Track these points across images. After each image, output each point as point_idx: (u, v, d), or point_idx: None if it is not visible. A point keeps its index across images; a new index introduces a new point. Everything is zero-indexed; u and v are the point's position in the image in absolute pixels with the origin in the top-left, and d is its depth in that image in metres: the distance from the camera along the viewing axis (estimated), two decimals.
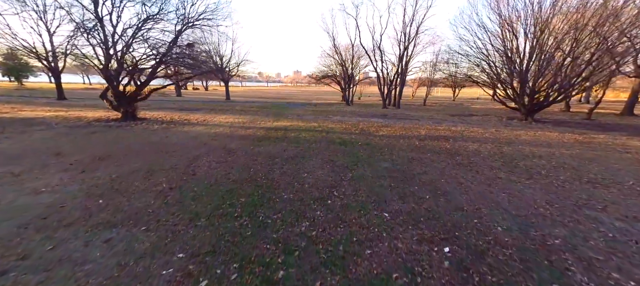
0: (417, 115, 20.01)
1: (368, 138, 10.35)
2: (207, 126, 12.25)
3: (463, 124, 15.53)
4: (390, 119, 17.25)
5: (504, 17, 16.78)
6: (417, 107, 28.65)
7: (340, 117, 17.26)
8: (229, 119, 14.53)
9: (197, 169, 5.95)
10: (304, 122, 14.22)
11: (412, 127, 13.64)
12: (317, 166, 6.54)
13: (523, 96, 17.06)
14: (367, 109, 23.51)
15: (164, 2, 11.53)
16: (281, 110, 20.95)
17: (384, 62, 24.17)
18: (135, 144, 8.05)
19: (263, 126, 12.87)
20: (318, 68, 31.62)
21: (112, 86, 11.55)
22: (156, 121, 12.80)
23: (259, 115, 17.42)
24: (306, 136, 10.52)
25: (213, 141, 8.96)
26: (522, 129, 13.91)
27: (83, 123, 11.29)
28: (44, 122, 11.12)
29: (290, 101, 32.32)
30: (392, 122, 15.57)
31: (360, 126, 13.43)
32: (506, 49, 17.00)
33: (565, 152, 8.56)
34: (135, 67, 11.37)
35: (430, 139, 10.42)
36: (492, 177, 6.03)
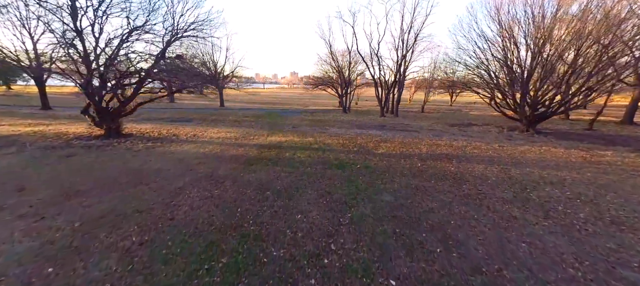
0: (416, 125, 19.51)
1: (366, 158, 9.74)
2: (197, 143, 11.54)
3: (464, 137, 15.04)
4: (389, 131, 16.70)
5: (504, 26, 16.40)
6: (415, 114, 28.24)
7: (337, 129, 16.67)
8: (221, 134, 13.83)
9: (177, 211, 5.27)
10: (300, 137, 13.58)
11: (412, 142, 13.08)
12: (313, 201, 5.91)
13: (524, 107, 16.66)
14: (364, 118, 22.99)
15: (150, 14, 10.84)
16: (276, 120, 20.30)
17: (381, 70, 23.71)
18: (113, 172, 7.33)
19: (256, 142, 12.21)
20: (314, 74, 31.04)
21: (94, 102, 10.80)
22: (142, 137, 12.05)
23: (253, 127, 16.75)
24: (301, 156, 9.88)
25: (200, 166, 8.27)
26: (526, 143, 13.44)
27: (62, 142, 10.50)
28: (17, 141, 10.30)
29: (286, 108, 31.69)
30: (391, 135, 15.01)
31: (358, 142, 12.84)
32: (507, 58, 16.61)
33: (577, 176, 8.05)
34: (118, 83, 10.62)
35: (432, 159, 9.86)
36: (506, 216, 5.45)
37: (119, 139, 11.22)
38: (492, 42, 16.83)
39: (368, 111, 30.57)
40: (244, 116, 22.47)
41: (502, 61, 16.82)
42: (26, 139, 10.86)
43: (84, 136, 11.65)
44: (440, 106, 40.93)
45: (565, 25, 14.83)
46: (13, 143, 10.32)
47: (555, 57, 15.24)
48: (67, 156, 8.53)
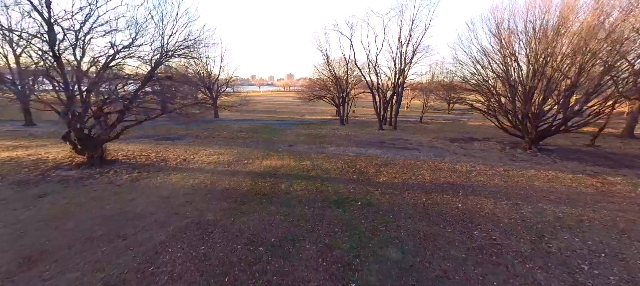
0: (415, 141, 18.98)
1: (368, 191, 9.11)
2: (186, 171, 10.81)
3: (466, 157, 14.52)
4: (389, 149, 16.12)
5: (505, 42, 16.01)
6: (413, 126, 27.77)
7: (335, 148, 16.05)
8: (213, 157, 13.11)
9: (154, 284, 4.56)
10: (296, 160, 12.90)
11: (414, 165, 12.51)
12: (312, 261, 5.26)
13: (526, 124, 16.23)
14: (362, 132, 22.40)
15: (136, 35, 10.12)
16: (272, 136, 19.60)
17: (379, 82, 23.20)
18: (87, 222, 6.54)
19: (250, 167, 11.51)
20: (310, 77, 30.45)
21: (75, 130, 10.02)
22: (127, 164, 11.27)
23: (248, 146, 16.04)
24: (298, 188, 9.22)
25: (187, 207, 7.55)
26: (531, 165, 12.94)
27: (38, 173, 9.69)
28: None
29: (282, 119, 31.01)
30: (391, 155, 14.43)
31: (357, 166, 12.22)
32: (508, 75, 16.20)
33: (593, 217, 7.51)
34: (100, 110, 9.86)
35: (437, 191, 9.27)
36: (528, 281, 4.85)
37: (102, 168, 10.44)
38: (493, 58, 16.43)
39: (366, 121, 30.02)
40: (239, 130, 21.73)
41: (503, 78, 16.42)
42: (0, 169, 10.03)
43: (65, 164, 10.84)
44: (438, 113, 40.60)
45: (567, 41, 14.45)
46: None
47: (558, 74, 14.85)
48: (40, 197, 7.74)
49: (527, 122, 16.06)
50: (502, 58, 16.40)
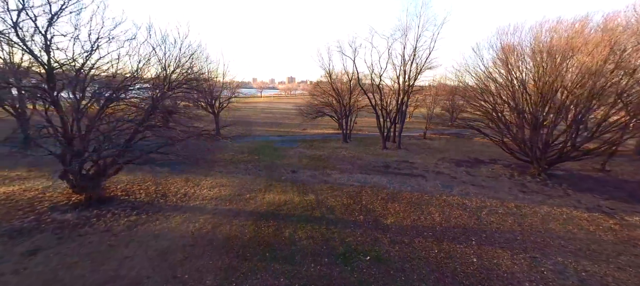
0: (420, 164, 18.54)
1: (376, 239, 8.70)
2: (186, 211, 10.42)
3: (475, 187, 14.07)
4: (394, 176, 15.70)
5: (513, 69, 15.66)
6: (417, 142, 27.33)
7: (339, 175, 15.65)
8: (214, 190, 12.70)
9: None
10: (300, 194, 12.48)
11: (421, 200, 12.09)
12: None
13: (535, 151, 15.79)
14: (366, 152, 21.97)
15: (137, 71, 9.81)
16: (274, 159, 19.14)
17: (382, 101, 22.84)
18: None
19: (253, 206, 11.08)
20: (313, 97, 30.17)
21: (73, 172, 9.69)
22: (125, 203, 10.88)
23: (249, 172, 15.65)
24: (302, 236, 8.81)
25: (186, 265, 7.15)
26: (543, 200, 12.49)
27: (32, 219, 9.32)
28: None
29: (284, 134, 30.60)
30: (398, 185, 14.00)
31: (363, 201, 11.81)
32: (516, 102, 15.82)
33: (621, 278, 7.04)
34: (100, 150, 9.50)
35: (449, 238, 8.85)
36: None
37: (99, 209, 10.06)
38: (501, 85, 16.08)
39: (368, 138, 29.52)
40: (240, 151, 21.25)
41: (511, 105, 16.04)
42: None
43: (61, 203, 10.47)
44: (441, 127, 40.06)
45: (577, 70, 14.07)
46: None
47: (567, 100, 14.47)
48: (31, 254, 7.35)
49: (536, 150, 15.62)
50: (509, 83, 16.05)
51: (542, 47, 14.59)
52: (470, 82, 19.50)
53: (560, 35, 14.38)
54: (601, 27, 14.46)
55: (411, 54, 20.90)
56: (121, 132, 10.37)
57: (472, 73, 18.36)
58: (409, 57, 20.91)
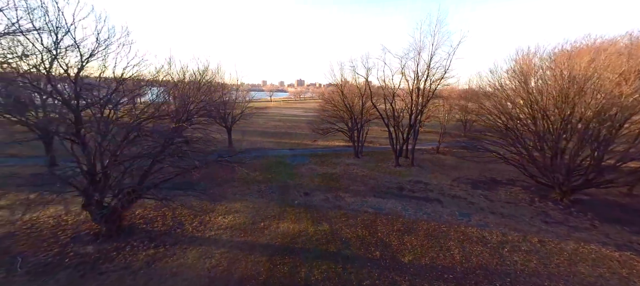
0: (435, 186, 18.12)
1: (393, 282, 8.48)
2: (203, 244, 10.50)
3: (494, 216, 13.63)
4: (409, 201, 15.40)
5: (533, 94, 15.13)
6: (431, 157, 26.82)
7: (353, 198, 15.49)
8: (229, 217, 12.75)
9: None
10: (314, 223, 12.37)
11: (439, 232, 11.78)
12: None
13: (558, 177, 15.14)
14: (378, 170, 21.67)
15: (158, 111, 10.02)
16: (286, 178, 19.09)
17: (395, 117, 22.53)
18: None
19: (267, 238, 11.06)
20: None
21: (95, 203, 9.93)
22: (144, 233, 11.06)
23: (262, 195, 15.66)
24: (319, 277, 8.71)
25: None
26: (568, 232, 11.95)
27: (57, 251, 9.60)
28: (11, 248, 9.47)
29: (295, 146, 30.62)
30: (413, 213, 13.71)
31: (378, 233, 11.60)
32: (537, 127, 15.26)
33: None
34: (120, 184, 9.72)
35: (470, 283, 8.53)
36: None
37: (118, 241, 10.28)
38: (520, 110, 15.57)
39: (380, 152, 29.15)
40: (253, 169, 21.21)
41: (531, 129, 15.49)
42: (20, 241, 10.04)
43: (83, 233, 10.76)
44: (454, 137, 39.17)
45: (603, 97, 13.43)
46: (6, 250, 9.52)
47: (592, 127, 13.83)
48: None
49: (558, 175, 14.99)
50: (528, 107, 15.52)
51: (564, 70, 14.04)
52: (487, 103, 18.97)
53: (582, 58, 13.81)
54: (627, 49, 13.84)
55: (424, 70, 20.57)
56: (140, 165, 10.61)
57: (489, 95, 17.83)
58: (422, 74, 20.58)
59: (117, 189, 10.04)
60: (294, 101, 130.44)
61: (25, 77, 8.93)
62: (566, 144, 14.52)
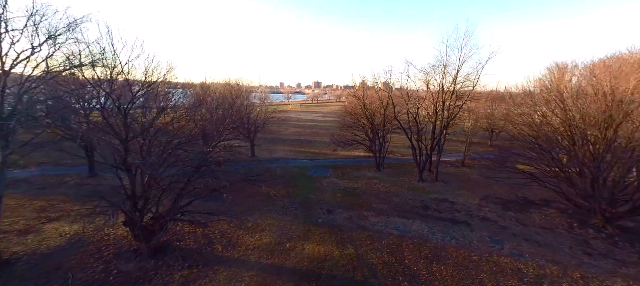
0: (462, 205, 17.50)
1: None
2: (232, 265, 10.88)
3: (528, 243, 12.95)
4: (435, 223, 15.02)
5: (570, 112, 14.24)
6: (456, 171, 25.92)
7: (376, 218, 15.39)
8: (255, 236, 13.07)
9: None
10: (339, 247, 12.39)
11: (469, 261, 11.39)
12: None
13: (599, 202, 14.09)
14: (402, 185, 21.29)
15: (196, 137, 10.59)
16: (308, 192, 19.25)
17: (419, 132, 22.05)
18: None
19: (293, 261, 11.25)
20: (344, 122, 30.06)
21: (135, 223, 10.63)
22: (178, 251, 11.64)
23: (287, 211, 15.92)
24: None
25: None
26: (614, 266, 11.11)
27: (102, 267, 10.36)
28: (63, 266, 10.33)
29: (315, 156, 30.80)
30: (440, 237, 13.36)
31: (405, 260, 11.41)
32: (575, 148, 14.32)
33: None
34: (157, 201, 10.38)
35: None
36: None
37: (156, 259, 10.90)
38: (557, 129, 14.70)
39: (402, 163, 28.59)
40: (275, 180, 21.58)
41: (568, 147, 14.57)
42: (70, 256, 10.94)
43: (123, 249, 11.52)
44: (480, 147, 37.55)
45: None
46: (58, 265, 10.42)
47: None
48: None
49: (600, 200, 13.96)
50: (565, 126, 14.62)
51: (606, 89, 13.10)
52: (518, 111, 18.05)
53: (627, 77, 12.82)
54: None
55: (450, 84, 19.99)
56: (175, 187, 11.25)
57: (519, 104, 16.98)
58: (448, 88, 20.01)
59: (155, 209, 10.70)
60: (311, 104, 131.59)
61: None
62: (609, 170, 13.49)
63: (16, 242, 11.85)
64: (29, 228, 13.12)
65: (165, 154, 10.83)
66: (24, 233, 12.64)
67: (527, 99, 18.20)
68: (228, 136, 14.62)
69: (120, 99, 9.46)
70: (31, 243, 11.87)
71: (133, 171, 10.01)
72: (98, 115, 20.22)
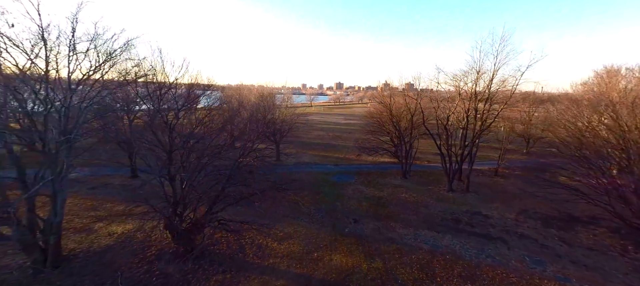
0: (497, 218, 16.57)
1: None
2: (263, 272, 11.24)
3: (575, 267, 11.96)
4: (468, 236, 14.41)
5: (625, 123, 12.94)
6: (489, 180, 24.55)
7: (404, 230, 15.06)
8: (284, 244, 13.36)
9: None
10: (366, 259, 12.32)
11: (508, 283, 10.74)
12: None
13: None
14: (430, 195, 20.60)
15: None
16: (334, 199, 19.30)
17: (449, 141, 21.21)
18: None
19: (322, 271, 11.37)
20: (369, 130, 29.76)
21: (175, 228, 11.37)
22: (212, 255, 12.24)
23: (313, 220, 16.08)
24: None
25: None
26: None
27: (145, 268, 11.20)
28: (113, 263, 11.29)
29: (339, 162, 30.75)
30: (474, 254, 12.78)
31: (436, 277, 11.06)
32: (631, 162, 12.99)
33: None
34: (196, 206, 11.05)
35: None
36: None
37: (193, 263, 11.55)
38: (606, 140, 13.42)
39: (429, 171, 27.63)
40: (301, 186, 21.83)
41: (625, 167, 13.23)
42: (117, 255, 11.95)
43: (164, 251, 12.36)
44: (514, 155, 35.18)
45: None
46: (108, 264, 11.43)
47: None
48: None
49: None
50: (619, 139, 13.30)
51: None
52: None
53: None
54: None
55: (484, 91, 19.02)
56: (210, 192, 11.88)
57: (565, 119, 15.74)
58: (481, 95, 19.06)
59: (193, 215, 11.38)
60: (333, 106, 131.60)
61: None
62: None
63: (73, 239, 13.17)
64: (83, 226, 14.53)
65: (201, 164, 11.48)
66: (79, 231, 14.01)
67: (572, 106, 16.75)
68: (256, 141, 15.23)
69: (167, 115, 10.24)
70: (85, 241, 13.13)
71: (175, 179, 10.71)
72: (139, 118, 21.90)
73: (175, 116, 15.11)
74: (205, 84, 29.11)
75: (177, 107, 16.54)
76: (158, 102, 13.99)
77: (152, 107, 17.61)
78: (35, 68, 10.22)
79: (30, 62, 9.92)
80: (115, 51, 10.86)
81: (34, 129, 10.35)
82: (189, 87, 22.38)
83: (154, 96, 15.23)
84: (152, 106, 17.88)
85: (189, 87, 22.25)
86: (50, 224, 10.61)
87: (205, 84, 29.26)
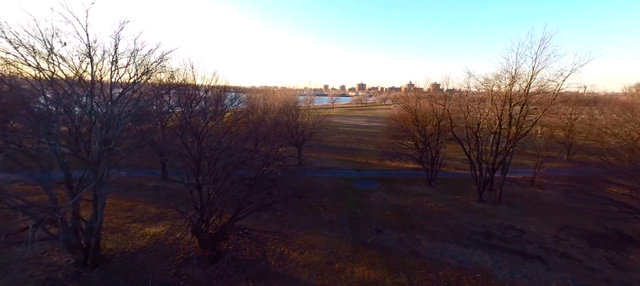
0: (534, 233, 15.31)
1: None
2: (285, 281, 11.33)
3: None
4: (501, 252, 13.50)
5: None
6: (523, 190, 22.82)
7: (430, 243, 14.44)
8: (305, 253, 13.35)
9: None
10: (390, 273, 11.95)
11: None
12: None
13: None
14: (458, 205, 19.56)
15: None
16: (356, 206, 19.00)
17: (479, 148, 20.00)
18: None
19: (343, 284, 11.17)
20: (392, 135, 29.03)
21: (201, 233, 11.79)
22: (236, 263, 12.47)
23: (334, 228, 15.91)
24: None
25: None
26: None
27: (174, 272, 11.72)
28: (144, 266, 11.95)
29: (362, 167, 30.27)
30: (509, 273, 11.93)
31: None
32: None
33: None
34: (221, 213, 11.42)
35: None
36: None
37: (218, 268, 11.89)
38: None
39: (457, 179, 26.25)
40: (322, 192, 21.67)
41: None
42: (148, 257, 12.63)
43: (191, 255, 12.87)
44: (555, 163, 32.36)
45: None
46: (141, 264, 12.12)
47: None
48: None
49: None
50: None
51: None
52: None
53: None
54: None
55: (520, 96, 17.68)
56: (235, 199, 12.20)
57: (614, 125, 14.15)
58: (516, 101, 17.75)
59: (218, 221, 11.74)
60: (355, 107, 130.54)
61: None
62: None
63: (111, 239, 14.15)
64: (119, 226, 15.56)
65: (227, 171, 11.81)
66: (116, 231, 15.03)
67: (625, 111, 15.03)
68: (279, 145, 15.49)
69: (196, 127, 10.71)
70: (121, 242, 14.04)
71: (202, 187, 11.11)
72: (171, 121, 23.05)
73: (203, 124, 15.77)
74: (234, 87, 30.47)
75: (206, 111, 17.31)
76: (189, 111, 14.69)
77: (184, 111, 18.64)
78: (82, 82, 11.17)
79: (78, 78, 10.84)
80: (151, 64, 11.57)
81: (80, 137, 11.29)
82: (219, 90, 23.47)
83: (185, 104, 16.03)
84: (183, 109, 18.92)
85: (219, 90, 23.35)
86: (91, 226, 11.47)
87: (234, 87, 30.60)
